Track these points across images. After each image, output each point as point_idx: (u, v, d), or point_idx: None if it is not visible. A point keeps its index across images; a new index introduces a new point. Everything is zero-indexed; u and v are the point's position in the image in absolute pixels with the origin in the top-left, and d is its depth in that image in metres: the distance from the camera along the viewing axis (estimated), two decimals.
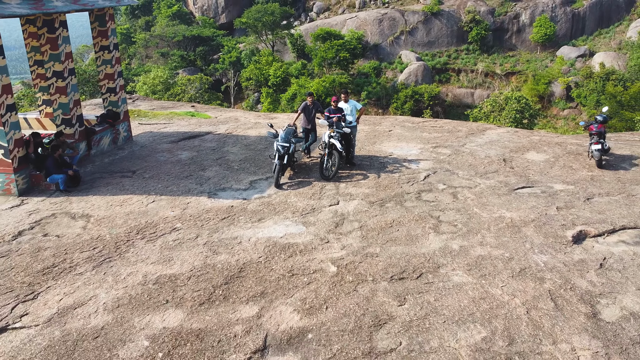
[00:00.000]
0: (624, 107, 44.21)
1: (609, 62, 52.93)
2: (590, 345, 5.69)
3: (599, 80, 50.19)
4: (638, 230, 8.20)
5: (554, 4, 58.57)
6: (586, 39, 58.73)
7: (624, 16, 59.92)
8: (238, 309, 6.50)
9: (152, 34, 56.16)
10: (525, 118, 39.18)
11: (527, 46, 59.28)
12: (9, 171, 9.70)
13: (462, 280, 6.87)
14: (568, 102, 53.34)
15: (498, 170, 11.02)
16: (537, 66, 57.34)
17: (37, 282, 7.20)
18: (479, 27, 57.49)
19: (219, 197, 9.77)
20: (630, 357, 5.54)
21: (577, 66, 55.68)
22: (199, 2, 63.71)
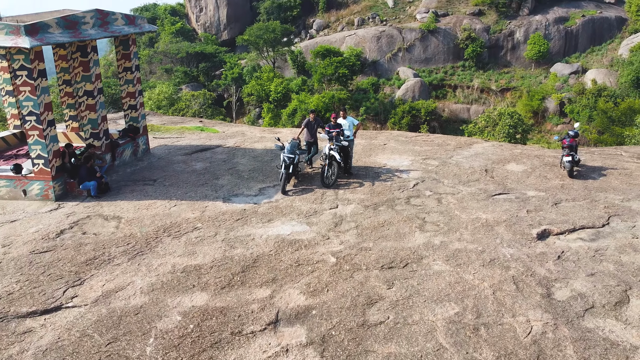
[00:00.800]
0: (614, 123, 45.87)
1: (601, 78, 54.73)
2: (542, 318, 7.05)
3: (591, 96, 51.93)
4: (595, 229, 9.60)
5: (547, 22, 60.59)
6: (579, 56, 60.62)
7: (615, 34, 61.90)
8: (254, 291, 7.87)
9: (156, 51, 57.98)
10: (519, 133, 40.65)
11: (521, 63, 61.17)
12: (48, 179, 11.11)
13: (441, 269, 8.25)
14: (561, 117, 55.00)
15: (479, 179, 12.46)
16: (531, 82, 59.14)
17: (82, 271, 8.56)
18: (474, 45, 59.38)
19: (232, 201, 11.18)
20: (574, 326, 6.90)
21: (570, 82, 57.46)
22: (201, 19, 65.70)
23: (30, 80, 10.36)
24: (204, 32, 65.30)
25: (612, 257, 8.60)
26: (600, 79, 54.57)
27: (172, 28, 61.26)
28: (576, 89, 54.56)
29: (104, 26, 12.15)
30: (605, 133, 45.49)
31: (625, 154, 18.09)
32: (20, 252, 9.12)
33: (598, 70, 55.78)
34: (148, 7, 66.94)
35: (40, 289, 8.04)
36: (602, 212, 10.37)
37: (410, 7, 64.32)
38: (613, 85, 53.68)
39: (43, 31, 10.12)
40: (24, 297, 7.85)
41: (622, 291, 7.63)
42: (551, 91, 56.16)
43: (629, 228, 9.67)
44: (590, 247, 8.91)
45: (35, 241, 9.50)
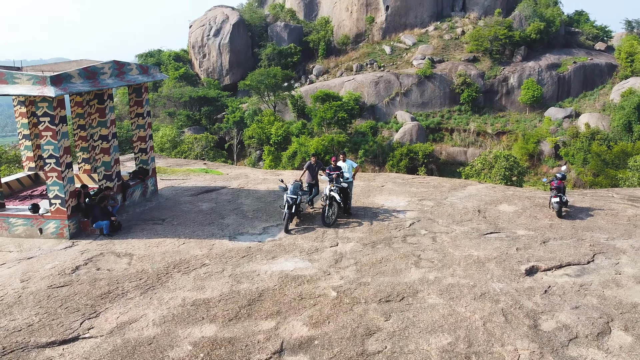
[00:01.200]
0: (608, 165, 46.91)
1: (594, 122, 56.24)
2: (529, 347, 7.59)
3: (584, 139, 53.27)
4: (580, 266, 10.22)
5: (540, 68, 62.74)
6: (572, 100, 62.46)
7: (606, 80, 63.99)
8: (259, 323, 8.42)
9: (160, 95, 59.70)
10: (515, 175, 41.54)
11: (516, 107, 62.95)
12: (64, 218, 11.78)
13: (435, 302, 8.83)
14: (557, 160, 56.18)
15: (472, 219, 13.15)
16: (526, 126, 60.68)
17: (97, 304, 9.12)
18: (470, 89, 61.29)
19: (238, 240, 11.82)
20: (559, 355, 7.44)
21: (564, 126, 58.99)
22: (204, 65, 67.90)
23: (52, 125, 11.20)
24: (207, 77, 67.37)
25: (595, 291, 9.19)
26: (593, 123, 56.07)
27: (176, 73, 63.25)
28: (570, 133, 56.01)
29: (120, 75, 13.13)
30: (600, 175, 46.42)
31: (617, 196, 18.83)
32: (39, 287, 9.70)
33: (591, 115, 57.37)
34: (153, 53, 69.25)
35: (58, 321, 8.59)
36: (587, 249, 11.01)
37: (407, 54, 66.68)
38: (606, 129, 55.13)
39: (66, 81, 11.04)
40: (43, 329, 8.39)
41: (604, 323, 8.19)
42: (546, 134, 57.58)
43: (613, 265, 10.29)
44: (575, 282, 9.51)
45: (52, 276, 10.09)
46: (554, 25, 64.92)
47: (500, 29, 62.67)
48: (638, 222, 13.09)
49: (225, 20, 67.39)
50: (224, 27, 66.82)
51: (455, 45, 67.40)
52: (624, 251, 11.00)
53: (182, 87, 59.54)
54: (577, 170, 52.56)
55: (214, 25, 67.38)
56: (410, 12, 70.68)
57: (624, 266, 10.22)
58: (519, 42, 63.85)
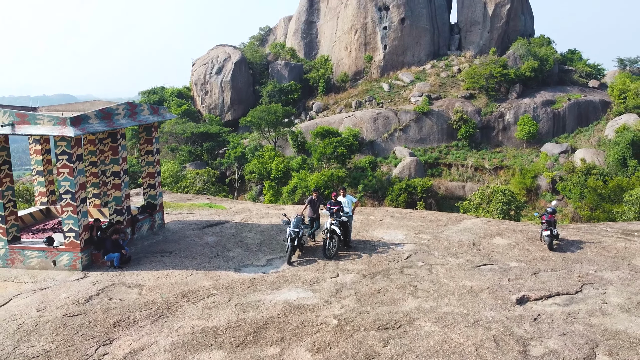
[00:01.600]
0: (604, 200, 47.60)
1: (590, 157, 57.30)
2: None
3: (581, 174, 54.16)
4: (569, 295, 10.80)
5: (535, 105, 64.25)
6: (567, 136, 63.72)
7: (601, 116, 65.44)
8: (265, 349, 8.95)
9: (162, 130, 60.91)
10: (512, 210, 42.17)
11: (513, 142, 64.14)
12: (77, 250, 12.40)
13: (430, 329, 9.38)
14: (554, 194, 56.90)
15: (467, 251, 13.76)
16: (523, 161, 61.72)
17: (110, 332, 9.65)
18: (467, 126, 62.62)
19: (243, 271, 12.41)
20: None
21: (560, 161, 60.01)
22: (206, 101, 69.47)
23: (69, 163, 11.96)
24: (209, 113, 68.81)
25: (582, 319, 9.75)
26: (588, 158, 57.12)
27: (178, 110, 64.66)
28: (566, 168, 56.98)
29: (133, 116, 13.99)
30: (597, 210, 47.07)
31: (611, 230, 19.44)
32: (54, 316, 10.24)
33: (586, 150, 58.49)
34: (156, 90, 70.91)
35: (74, 348, 9.11)
36: (576, 280, 11.60)
37: (404, 91, 68.37)
38: (601, 164, 56.14)
39: (84, 122, 11.86)
40: (60, 355, 8.91)
41: (590, 348, 8.73)
42: (543, 169, 58.53)
43: (600, 295, 10.87)
44: (563, 311, 10.07)
45: (67, 306, 10.64)
46: (547, 64, 66.82)
47: (495, 67, 64.52)
48: (626, 255, 13.70)
49: (228, 58, 69.35)
50: (226, 65, 68.69)
51: (451, 82, 69.16)
52: (611, 282, 11.59)
53: (185, 123, 60.83)
54: (575, 204, 53.23)
55: (216, 64, 69.28)
56: (407, 51, 72.78)
57: (610, 296, 10.79)
58: (514, 80, 65.59)
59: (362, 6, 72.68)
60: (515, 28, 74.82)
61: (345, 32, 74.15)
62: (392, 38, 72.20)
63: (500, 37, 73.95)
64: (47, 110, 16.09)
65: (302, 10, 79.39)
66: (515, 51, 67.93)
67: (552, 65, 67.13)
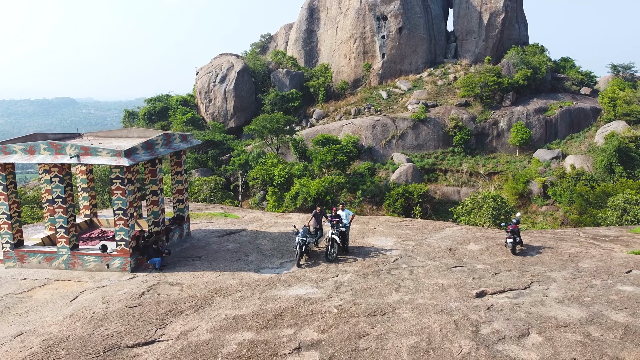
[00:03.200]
0: (591, 205, 50.78)
1: (579, 163, 60.49)
2: (470, 344, 11.27)
3: (570, 180, 57.32)
4: (518, 290, 13.96)
5: (528, 112, 67.47)
6: (559, 142, 66.93)
7: (591, 123, 68.66)
8: (283, 331, 12.10)
9: None
10: (502, 214, 45.34)
11: (506, 149, 67.37)
12: (127, 255, 15.56)
13: (408, 316, 12.54)
14: (545, 199, 60.11)
15: (444, 256, 16.94)
16: (516, 167, 64.94)
17: (164, 318, 12.81)
18: (462, 132, 65.81)
19: (261, 272, 15.58)
20: (489, 349, 11.10)
21: (552, 167, 63.21)
22: (210, 109, 72.68)
23: (122, 186, 15.12)
24: (213, 120, 72.02)
25: (525, 308, 12.92)
26: (578, 164, 60.32)
27: (184, 117, 67.86)
28: (557, 173, 60.14)
29: (168, 144, 17.16)
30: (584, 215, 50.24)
31: (583, 235, 22.63)
32: (118, 307, 13.41)
33: (576, 156, 61.70)
34: (161, 98, 74.07)
35: (138, 330, 12.27)
36: (527, 279, 14.78)
37: (402, 99, 71.62)
38: (590, 170, 59.33)
39: (134, 153, 15.03)
40: (129, 335, 12.06)
41: (526, 329, 11.89)
42: (534, 175, 61.73)
43: (543, 290, 14.04)
44: (511, 302, 13.24)
45: (126, 299, 13.81)
46: (540, 72, 69.98)
47: (489, 76, 67.67)
48: (575, 258, 16.88)
49: (231, 67, 72.52)
50: (229, 74, 71.86)
51: (447, 90, 72.34)
52: (555, 280, 14.76)
53: (190, 131, 63.95)
54: (564, 209, 56.46)
55: (219, 72, 72.45)
56: (405, 59, 75.95)
57: (551, 291, 13.96)
58: (507, 88, 68.72)
59: (361, 16, 75.87)
60: (510, 36, 78.04)
61: (345, 41, 77.33)
62: (390, 47, 75.37)
63: (495, 45, 77.17)
64: (89, 136, 19.27)
65: (303, 20, 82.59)
66: (509, 60, 71.11)
67: (544, 73, 70.30)
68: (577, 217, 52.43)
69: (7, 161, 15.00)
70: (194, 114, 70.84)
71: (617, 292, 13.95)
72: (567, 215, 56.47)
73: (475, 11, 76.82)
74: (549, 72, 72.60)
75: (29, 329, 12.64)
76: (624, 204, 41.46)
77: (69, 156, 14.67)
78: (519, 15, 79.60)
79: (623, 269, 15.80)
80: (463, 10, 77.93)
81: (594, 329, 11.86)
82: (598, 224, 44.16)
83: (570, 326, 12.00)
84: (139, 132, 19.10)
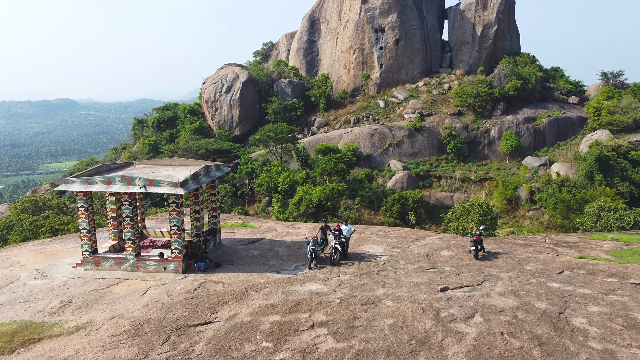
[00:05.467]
0: (571, 210, 56.37)
1: (564, 171, 66.04)
2: (431, 323, 16.72)
3: (555, 186, 62.85)
4: (472, 286, 19.42)
5: (518, 121, 72.99)
6: (547, 150, 72.48)
7: (578, 131, 74.22)
8: (301, 315, 17.55)
9: (179, 147, 69.58)
10: (488, 220, 50.82)
11: (497, 156, 72.94)
12: (180, 260, 20.99)
13: (390, 304, 18.00)
14: (532, 204, 65.63)
15: (421, 260, 22.41)
16: (506, 173, 70.55)
17: (215, 306, 18.26)
18: (455, 140, 71.32)
19: (281, 273, 21.04)
20: (444, 326, 16.54)
21: (539, 173, 68.78)
22: (216, 117, 78.09)
23: (177, 208, 20.55)
24: (219, 128, 77.46)
25: (474, 299, 18.36)
26: (563, 171, 65.85)
27: (192, 126, 73.30)
28: (543, 180, 65.71)
29: (207, 174, 22.59)
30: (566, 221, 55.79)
31: (549, 241, 28.10)
32: (179, 299, 18.85)
33: (562, 164, 67.25)
34: (169, 107, 79.48)
35: (198, 314, 17.72)
36: (481, 278, 20.24)
37: (399, 108, 77.12)
38: (574, 177, 64.81)
39: (187, 183, 20.45)
40: (192, 317, 17.51)
41: (472, 313, 17.32)
42: (522, 181, 67.29)
43: (491, 286, 19.49)
44: (465, 295, 18.70)
45: (184, 293, 19.26)
46: (530, 83, 75.45)
47: (481, 86, 73.14)
48: (523, 262, 22.34)
49: (236, 78, 77.94)
50: (234, 85, 77.29)
51: (442, 100, 77.80)
52: (502, 279, 20.22)
53: (199, 140, 69.45)
54: (549, 214, 62.01)
55: (225, 83, 77.87)
56: (402, 69, 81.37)
57: (497, 287, 19.41)
58: (498, 98, 74.18)
59: (359, 28, 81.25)
60: (502, 47, 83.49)
61: (344, 52, 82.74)
62: (387, 57, 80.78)
63: (489, 55, 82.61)
64: (140, 164, 24.67)
65: (304, 31, 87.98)
66: (500, 71, 76.56)
67: (534, 84, 75.77)
68: (560, 222, 57.94)
69: (90, 190, 20.42)
70: (201, 123, 76.26)
71: (545, 287, 19.42)
72: (552, 219, 61.97)
73: (469, 23, 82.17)
74: (538, 82, 78.02)
75: (118, 314, 18.08)
76: (598, 210, 46.83)
77: (138, 187, 20.09)
78: (511, 26, 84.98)
79: (557, 271, 21.28)
80: (457, 22, 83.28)
81: (521, 313, 17.32)
82: (577, 228, 49.63)
83: (504, 311, 17.47)
84: (180, 161, 24.50)
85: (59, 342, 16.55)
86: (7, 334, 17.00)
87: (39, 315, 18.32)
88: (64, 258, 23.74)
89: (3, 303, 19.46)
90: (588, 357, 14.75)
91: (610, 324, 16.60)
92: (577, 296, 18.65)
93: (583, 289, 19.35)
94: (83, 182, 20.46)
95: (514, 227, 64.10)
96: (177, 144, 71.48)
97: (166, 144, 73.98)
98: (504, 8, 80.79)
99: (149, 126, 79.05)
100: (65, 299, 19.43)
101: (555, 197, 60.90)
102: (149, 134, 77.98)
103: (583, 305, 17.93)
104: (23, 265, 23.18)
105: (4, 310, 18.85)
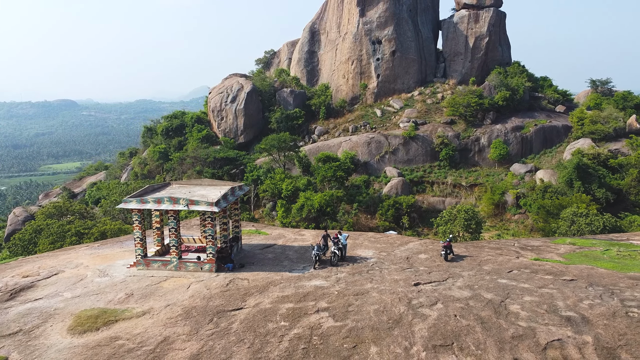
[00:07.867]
0: (551, 215, 63.16)
1: (548, 177, 72.81)
2: (404, 308, 23.48)
3: (539, 192, 69.53)
4: (438, 282, 26.19)
5: (506, 130, 79.73)
6: (533, 157, 79.26)
7: (563, 139, 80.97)
8: (309, 302, 24.30)
9: (187, 154, 76.29)
10: (472, 225, 57.44)
11: (487, 163, 79.72)
12: (213, 262, 27.72)
13: (375, 295, 24.76)
14: (518, 209, 72.40)
15: (402, 262, 29.15)
16: (494, 179, 77.35)
17: (244, 297, 25.02)
18: (447, 148, 78.09)
19: (293, 272, 27.79)
20: (414, 310, 23.29)
21: (525, 180, 75.58)
22: (222, 126, 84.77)
23: (211, 221, 27.23)
24: (224, 136, 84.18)
25: (438, 291, 25.09)
26: (547, 178, 72.61)
27: (199, 134, 79.98)
28: (528, 186, 72.47)
29: (233, 194, 29.28)
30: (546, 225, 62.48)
31: (517, 244, 34.85)
32: (216, 292, 25.58)
33: (546, 171, 74.04)
34: (177, 115, 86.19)
35: (232, 302, 24.46)
36: (446, 275, 26.97)
37: (395, 117, 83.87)
38: (557, 183, 71.52)
39: (219, 203, 27.13)
40: (228, 305, 24.25)
41: (435, 301, 24.05)
42: (509, 187, 74.07)
43: (453, 282, 26.22)
44: (432, 288, 25.43)
45: (219, 287, 25.99)
46: (518, 93, 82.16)
47: (472, 97, 79.86)
48: (482, 263, 29.07)
49: (240, 89, 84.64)
50: (239, 95, 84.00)
51: (436, 109, 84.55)
52: (463, 277, 26.93)
53: (207, 148, 76.18)
54: (533, 217, 68.75)
55: (230, 93, 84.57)
56: (398, 79, 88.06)
57: (457, 282, 26.12)
58: (488, 108, 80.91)
59: (357, 40, 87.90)
60: (494, 57, 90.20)
61: (343, 62, 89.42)
62: (384, 68, 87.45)
63: (480, 66, 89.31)
64: (176, 184, 31.37)
65: (305, 41, 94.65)
66: (490, 82, 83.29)
67: (522, 94, 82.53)
68: (543, 225, 64.66)
69: (144, 208, 27.09)
70: (208, 131, 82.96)
71: (495, 283, 26.16)
72: (535, 223, 68.75)
73: (462, 35, 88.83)
74: (526, 92, 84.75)
75: (171, 303, 24.79)
76: (572, 216, 53.60)
77: (182, 205, 26.78)
78: (502, 38, 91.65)
79: (507, 270, 28.02)
80: (451, 34, 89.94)
81: (472, 301, 24.07)
82: (554, 232, 56.37)
83: (460, 300, 24.22)
84: (209, 182, 31.16)
85: (131, 322, 23.29)
86: (92, 317, 23.73)
87: (110, 304, 25.05)
88: (117, 260, 30.47)
89: (80, 295, 26.19)
90: (514, 331, 21.51)
91: (537, 309, 23.36)
92: (518, 289, 25.42)
93: (524, 284, 26.12)
94: (138, 201, 27.17)
95: (500, 230, 70.84)
96: (186, 152, 78.12)
97: (175, 151, 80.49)
98: (494, 21, 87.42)
99: (157, 134, 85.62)
100: (128, 292, 26.17)
101: (538, 202, 67.47)
102: (158, 142, 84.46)
103: (520, 295, 24.69)
104: (86, 266, 29.91)
105: (82, 300, 25.59)
